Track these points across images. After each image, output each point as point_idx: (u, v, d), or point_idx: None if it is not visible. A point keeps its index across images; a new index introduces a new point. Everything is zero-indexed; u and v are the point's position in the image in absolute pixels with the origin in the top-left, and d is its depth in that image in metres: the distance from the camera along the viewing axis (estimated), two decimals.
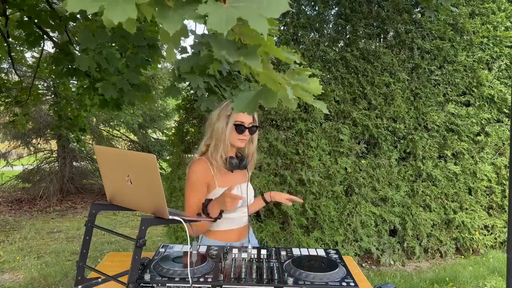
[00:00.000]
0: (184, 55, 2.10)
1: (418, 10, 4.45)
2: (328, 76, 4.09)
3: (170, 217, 1.21)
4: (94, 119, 8.60)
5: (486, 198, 4.32)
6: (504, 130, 4.32)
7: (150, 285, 1.25)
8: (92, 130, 8.15)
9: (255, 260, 1.47)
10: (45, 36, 3.31)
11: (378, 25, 4.31)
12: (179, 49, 2.13)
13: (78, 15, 3.07)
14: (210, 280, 1.28)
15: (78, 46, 3.07)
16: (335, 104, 4.05)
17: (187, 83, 3.04)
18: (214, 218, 1.55)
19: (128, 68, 3.05)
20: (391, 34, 4.37)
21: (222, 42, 0.78)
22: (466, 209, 4.23)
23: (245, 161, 1.74)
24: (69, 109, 4.92)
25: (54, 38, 3.66)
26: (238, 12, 0.62)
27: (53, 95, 7.58)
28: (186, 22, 0.77)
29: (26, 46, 3.44)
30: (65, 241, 5.25)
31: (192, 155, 4.03)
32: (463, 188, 4.22)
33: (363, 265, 4.05)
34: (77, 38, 3.49)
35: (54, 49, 3.46)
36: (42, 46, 3.54)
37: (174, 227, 3.93)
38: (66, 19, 3.10)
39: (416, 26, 4.34)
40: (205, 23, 0.65)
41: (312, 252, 1.60)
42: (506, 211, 4.29)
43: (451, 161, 4.24)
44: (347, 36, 4.37)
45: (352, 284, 1.28)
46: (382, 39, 4.51)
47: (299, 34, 4.19)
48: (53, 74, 4.20)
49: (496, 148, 4.36)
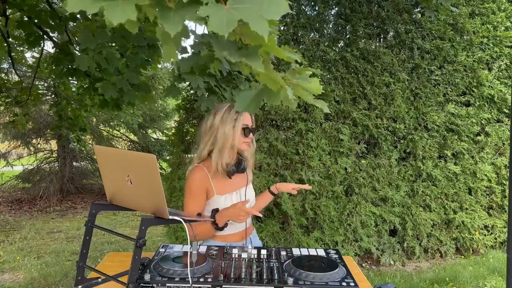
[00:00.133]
0: (184, 55, 2.10)
1: (418, 10, 4.45)
2: (328, 76, 4.09)
3: (170, 217, 1.21)
4: (94, 119, 8.59)
5: (486, 198, 4.32)
6: (504, 130, 4.32)
7: (150, 285, 1.25)
8: (92, 130, 8.14)
9: (255, 260, 1.47)
10: (45, 36, 3.30)
11: (378, 25, 4.31)
12: (180, 49, 2.13)
13: (78, 15, 3.06)
14: (210, 280, 1.28)
15: (78, 46, 3.06)
16: (335, 104, 4.05)
17: (187, 83, 3.04)
18: (221, 227, 1.60)
19: (128, 68, 3.05)
20: (391, 34, 4.37)
21: (223, 43, 0.78)
22: (466, 209, 4.23)
23: (243, 164, 1.71)
24: (69, 109, 4.92)
25: (54, 38, 3.65)
26: (238, 14, 0.62)
27: (53, 95, 7.58)
28: (186, 22, 0.77)
29: (26, 46, 3.44)
30: (65, 241, 5.25)
31: (192, 155, 4.03)
32: (463, 188, 4.22)
33: (363, 265, 4.05)
34: (77, 38, 3.49)
35: (54, 49, 3.46)
36: (42, 46, 3.54)
37: (174, 227, 3.93)
38: (66, 19, 3.09)
39: (416, 26, 4.34)
40: (206, 24, 0.65)
41: (312, 252, 1.60)
42: (506, 211, 4.29)
43: (451, 161, 4.24)
44: (347, 36, 4.37)
45: (352, 284, 1.28)
46: (382, 39, 4.51)
47: (299, 34, 4.19)
48: (53, 74, 4.20)
49: (496, 148, 4.36)
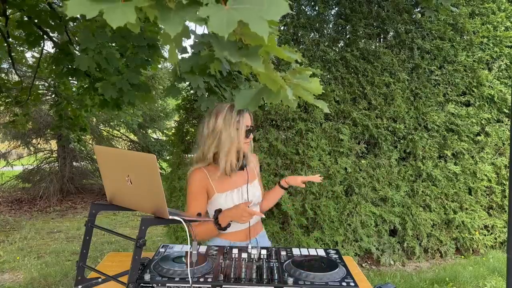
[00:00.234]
0: (184, 55, 2.10)
1: (418, 10, 4.45)
2: (328, 76, 4.09)
3: (170, 217, 1.21)
4: (94, 119, 8.59)
5: (486, 198, 4.32)
6: (504, 130, 4.32)
7: (150, 285, 1.25)
8: (92, 130, 8.15)
9: (255, 260, 1.47)
10: (45, 36, 3.31)
11: (378, 25, 4.31)
12: (180, 49, 2.13)
13: (78, 15, 3.06)
14: (210, 280, 1.28)
15: (78, 46, 3.07)
16: (335, 104, 4.05)
17: (187, 83, 3.04)
18: (224, 227, 1.63)
19: (128, 68, 3.05)
20: (391, 34, 4.37)
21: (224, 43, 0.78)
22: (466, 209, 4.23)
23: (241, 161, 1.72)
24: (69, 109, 4.92)
25: (54, 38, 3.66)
26: (238, 14, 0.62)
27: (53, 95, 7.58)
28: (187, 22, 0.77)
29: (26, 46, 3.44)
30: (65, 241, 5.25)
31: (191, 155, 4.03)
32: (463, 188, 4.22)
33: (363, 265, 4.05)
34: (77, 38, 3.49)
35: (54, 49, 3.46)
36: (42, 46, 3.54)
37: (174, 227, 3.93)
38: (66, 19, 3.10)
39: (416, 26, 4.34)
40: (206, 25, 0.65)
41: (312, 252, 1.60)
42: (506, 211, 4.29)
43: (451, 161, 4.24)
44: (347, 36, 4.37)
45: (352, 284, 1.28)
46: (382, 39, 4.51)
47: (299, 34, 4.19)
48: (53, 74, 4.20)
49: (496, 148, 4.36)
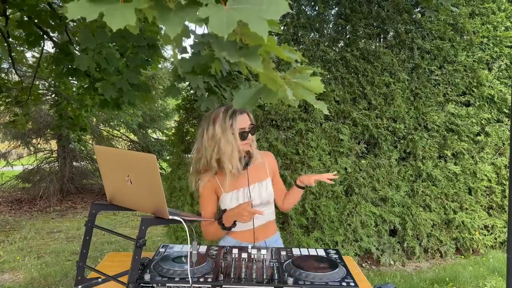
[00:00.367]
0: (184, 55, 2.10)
1: (418, 10, 4.44)
2: (328, 76, 4.09)
3: (170, 217, 1.21)
4: (94, 119, 8.59)
5: (486, 198, 4.32)
6: (504, 130, 4.32)
7: (150, 285, 1.25)
8: (92, 130, 8.14)
9: (255, 260, 1.47)
10: (45, 36, 3.31)
11: (378, 25, 4.31)
12: (180, 49, 2.13)
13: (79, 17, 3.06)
14: (210, 280, 1.28)
15: (78, 46, 3.07)
16: (335, 104, 4.05)
17: (187, 83, 3.04)
18: (229, 227, 1.68)
19: (128, 68, 3.05)
20: (391, 34, 4.37)
21: (223, 43, 0.78)
22: (466, 209, 4.23)
23: (243, 162, 1.73)
24: (69, 109, 4.92)
25: (54, 38, 3.66)
26: (238, 14, 0.62)
27: (53, 95, 7.58)
28: (187, 22, 0.77)
29: (26, 46, 3.44)
30: (65, 241, 5.25)
31: (191, 155, 4.03)
32: (463, 188, 4.22)
33: (363, 265, 4.05)
34: (77, 38, 3.49)
35: (54, 49, 3.46)
36: (42, 46, 3.54)
37: (174, 227, 3.93)
38: (66, 19, 3.10)
39: (416, 26, 4.34)
40: (206, 25, 0.65)
41: (312, 252, 1.60)
42: (506, 211, 4.29)
43: (451, 161, 4.24)
44: (347, 36, 4.37)
45: (352, 284, 1.29)
46: (382, 39, 4.51)
47: (299, 34, 4.19)
48: (53, 74, 4.20)
49: (496, 148, 4.36)
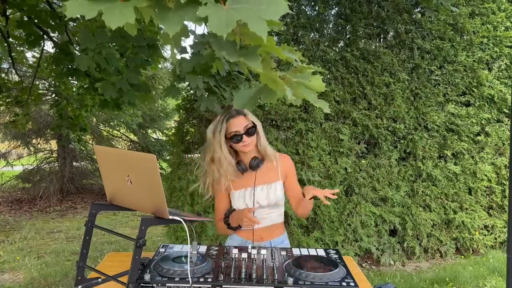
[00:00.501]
0: (184, 55, 2.10)
1: (418, 10, 4.44)
2: (328, 76, 4.09)
3: (170, 217, 1.21)
4: (94, 119, 8.59)
5: (486, 198, 4.32)
6: (504, 130, 4.32)
7: (150, 285, 1.25)
8: (92, 130, 8.14)
9: (255, 260, 1.47)
10: (45, 36, 3.31)
11: (378, 25, 4.31)
12: (179, 49, 2.13)
13: (78, 15, 3.06)
14: (210, 280, 1.28)
15: (78, 46, 3.06)
16: (335, 104, 4.05)
17: (187, 83, 3.04)
18: (234, 227, 1.77)
19: (128, 68, 3.05)
20: (391, 34, 4.37)
21: (222, 43, 0.78)
22: (466, 209, 4.23)
23: (254, 162, 1.76)
24: (69, 109, 4.92)
25: (54, 38, 3.66)
26: (237, 14, 0.62)
27: (53, 95, 7.58)
28: (186, 22, 0.77)
29: (26, 46, 3.44)
30: (65, 241, 5.25)
31: (191, 155, 4.03)
32: (463, 188, 4.22)
33: (363, 265, 4.05)
34: (77, 38, 3.49)
35: (54, 49, 3.46)
36: (42, 46, 3.54)
37: (174, 227, 3.93)
38: (66, 19, 3.10)
39: (416, 26, 4.34)
40: (205, 24, 0.65)
41: (312, 252, 1.60)
42: (506, 211, 4.29)
43: (451, 161, 4.23)
44: (347, 36, 4.37)
45: (352, 284, 1.28)
46: (382, 39, 4.51)
47: (299, 34, 4.19)
48: (53, 74, 4.19)
49: (496, 148, 4.36)
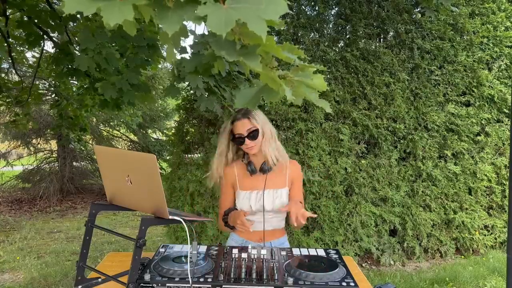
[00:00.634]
0: (184, 55, 2.10)
1: (418, 10, 4.44)
2: (328, 76, 4.09)
3: (170, 217, 1.21)
4: (94, 119, 8.59)
5: (486, 198, 4.32)
6: (504, 130, 4.32)
7: (150, 285, 1.25)
8: (92, 130, 8.14)
9: (255, 260, 1.47)
10: (45, 36, 3.30)
11: (378, 25, 4.31)
12: (179, 49, 2.13)
13: (78, 15, 3.06)
14: (210, 280, 1.28)
15: (78, 46, 3.06)
16: (335, 104, 4.05)
17: (187, 83, 3.04)
18: (231, 226, 1.76)
19: (128, 68, 3.05)
20: (391, 34, 4.37)
21: (222, 42, 0.77)
22: (466, 209, 4.23)
23: (265, 166, 1.76)
24: (69, 109, 4.92)
25: (54, 38, 3.65)
26: (237, 13, 0.62)
27: (53, 95, 7.57)
28: (186, 22, 0.77)
29: (26, 46, 3.44)
30: (65, 241, 5.25)
31: (191, 155, 4.03)
32: (463, 188, 4.22)
33: (363, 265, 4.05)
34: (77, 38, 3.48)
35: (54, 49, 3.46)
36: (42, 46, 3.53)
37: (174, 227, 3.93)
38: (66, 19, 3.09)
39: (416, 26, 4.34)
40: (204, 24, 0.65)
41: (312, 252, 1.60)
42: (506, 211, 4.29)
43: (451, 161, 4.23)
44: (347, 36, 4.37)
45: (352, 284, 1.28)
46: (382, 39, 4.51)
47: (299, 34, 4.19)
48: (53, 74, 4.19)
49: (496, 148, 4.36)
